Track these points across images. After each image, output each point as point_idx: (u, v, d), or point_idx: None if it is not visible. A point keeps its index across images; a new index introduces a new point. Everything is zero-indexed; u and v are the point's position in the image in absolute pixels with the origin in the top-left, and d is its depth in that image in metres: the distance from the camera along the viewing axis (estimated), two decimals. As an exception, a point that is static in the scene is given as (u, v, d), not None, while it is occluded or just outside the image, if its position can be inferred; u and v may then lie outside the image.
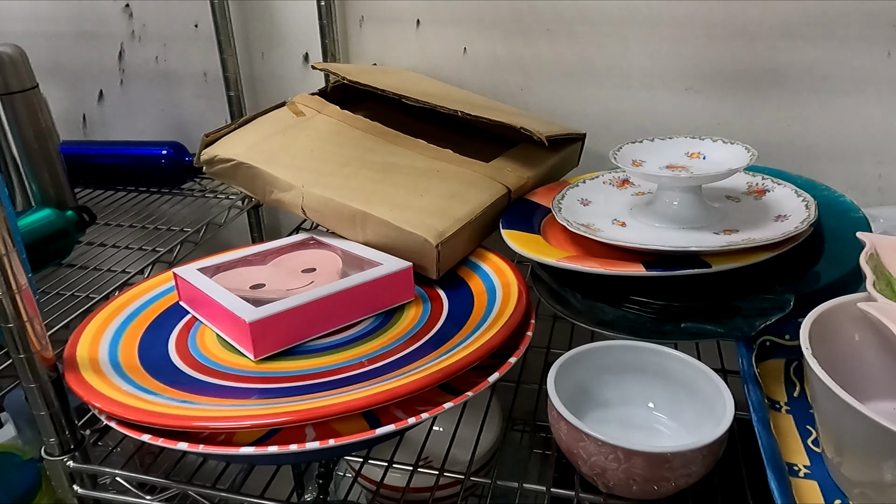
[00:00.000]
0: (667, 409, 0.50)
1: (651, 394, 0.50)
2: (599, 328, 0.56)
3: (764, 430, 0.42)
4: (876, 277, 0.46)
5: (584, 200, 0.65)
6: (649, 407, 0.50)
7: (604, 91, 0.82)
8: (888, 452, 0.37)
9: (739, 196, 0.63)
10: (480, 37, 0.83)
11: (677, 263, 0.52)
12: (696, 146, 0.62)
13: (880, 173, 0.79)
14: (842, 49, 0.74)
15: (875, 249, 0.49)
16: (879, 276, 0.48)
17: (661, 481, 0.41)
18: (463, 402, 0.43)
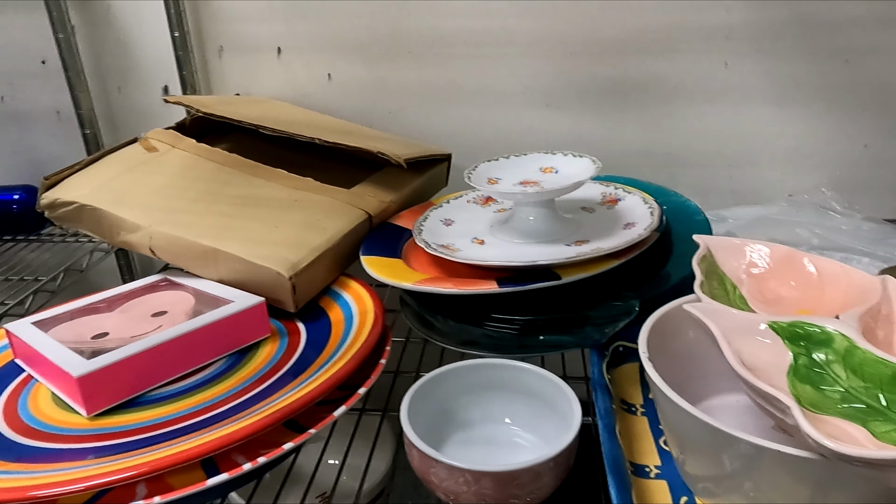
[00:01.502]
0: (528, 424, 0.50)
1: (512, 410, 0.50)
2: (465, 348, 0.56)
3: (608, 437, 0.43)
4: (705, 278, 0.48)
5: (446, 220, 0.65)
6: (507, 423, 0.50)
7: (470, 111, 0.83)
8: (720, 448, 0.38)
9: (594, 207, 0.65)
10: (344, 62, 0.83)
11: (531, 278, 0.53)
12: (548, 161, 0.64)
13: (731, 175, 0.84)
14: (684, 62, 0.79)
15: (708, 250, 0.52)
16: (712, 276, 0.50)
17: (512, 498, 0.41)
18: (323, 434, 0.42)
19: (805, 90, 0.79)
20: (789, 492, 0.37)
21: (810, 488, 0.36)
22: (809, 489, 0.36)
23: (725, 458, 0.38)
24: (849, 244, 0.68)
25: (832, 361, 0.39)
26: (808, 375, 0.39)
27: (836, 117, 0.80)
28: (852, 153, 0.81)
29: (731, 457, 0.38)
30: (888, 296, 0.43)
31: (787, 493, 0.37)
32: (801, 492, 0.37)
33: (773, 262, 0.50)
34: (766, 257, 0.51)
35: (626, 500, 0.38)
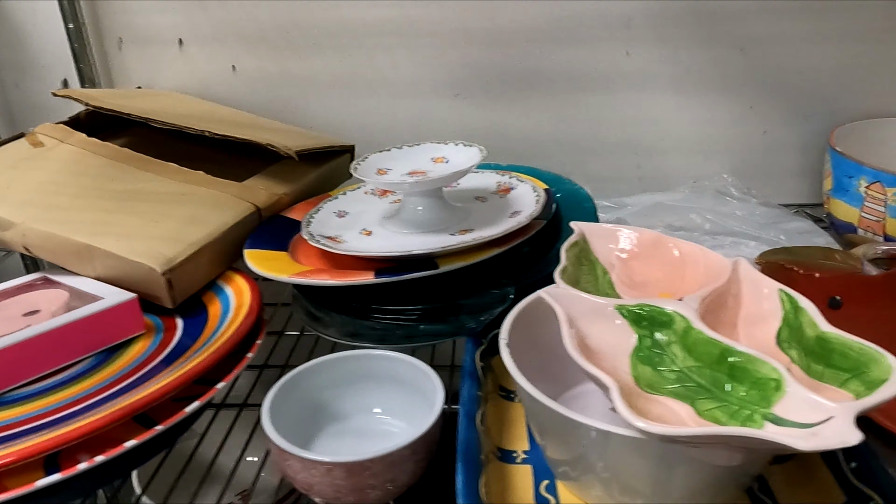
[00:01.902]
0: (401, 413, 0.50)
1: (384, 399, 0.50)
2: (350, 340, 0.55)
3: (465, 423, 0.43)
4: (576, 264, 0.48)
5: (340, 212, 0.65)
6: (378, 413, 0.50)
7: (377, 101, 0.83)
8: (570, 433, 0.38)
9: (488, 196, 0.65)
10: (248, 53, 0.82)
11: (412, 268, 0.53)
12: (440, 151, 0.64)
13: (638, 164, 0.85)
14: (587, 50, 0.79)
15: (583, 236, 0.52)
16: (583, 262, 0.51)
17: (368, 489, 0.41)
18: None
19: (704, 78, 0.80)
20: (637, 471, 0.38)
21: (654, 466, 0.37)
22: (654, 467, 0.37)
23: (576, 443, 0.39)
24: (739, 229, 0.70)
25: (672, 342, 0.39)
26: (649, 357, 0.40)
27: (736, 105, 0.81)
28: (752, 140, 0.83)
29: (580, 441, 0.38)
30: (737, 277, 0.44)
31: (635, 472, 0.38)
32: (646, 470, 0.37)
33: (642, 247, 0.51)
34: (635, 242, 0.51)
35: (472, 485, 0.38)
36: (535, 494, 0.43)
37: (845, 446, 0.28)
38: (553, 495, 0.43)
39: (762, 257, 0.59)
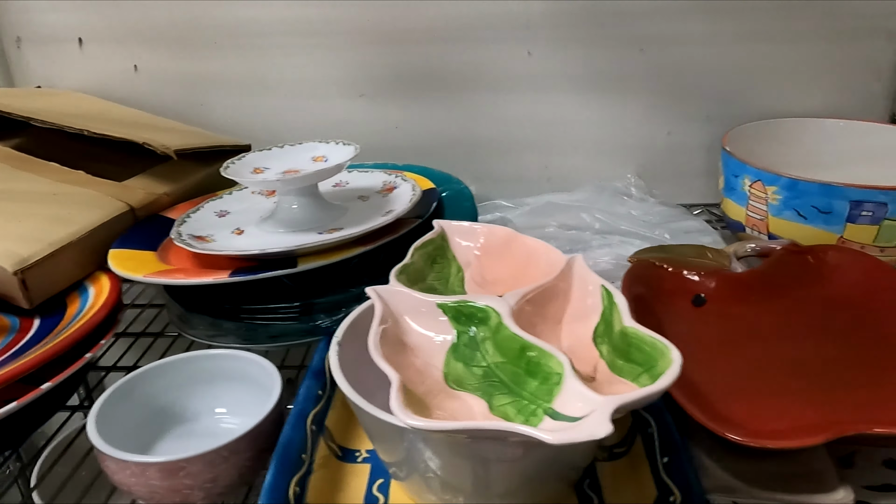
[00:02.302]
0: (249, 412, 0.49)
1: (232, 399, 0.50)
2: (215, 341, 0.55)
3: (293, 422, 0.42)
4: (421, 260, 0.48)
5: (221, 212, 0.64)
6: (223, 413, 0.50)
7: (281, 102, 0.82)
8: (383, 431, 0.38)
9: (371, 195, 0.65)
10: (149, 53, 0.81)
11: (274, 266, 0.52)
12: (321, 150, 0.63)
13: (546, 164, 0.85)
14: (488, 51, 0.79)
15: (443, 234, 0.52)
16: (440, 259, 0.50)
17: (186, 489, 0.41)
18: None
19: (605, 79, 0.80)
20: (454, 468, 0.37)
21: (469, 462, 0.36)
22: (469, 463, 0.37)
23: (390, 441, 0.38)
24: (628, 228, 0.70)
25: (486, 339, 0.39)
26: (464, 353, 0.39)
27: (639, 105, 0.82)
28: (657, 140, 0.83)
29: (393, 439, 0.38)
30: (570, 274, 0.44)
31: (452, 470, 0.37)
32: (462, 467, 0.37)
33: (496, 245, 0.51)
34: (490, 240, 0.51)
35: (279, 485, 0.38)
36: (367, 493, 0.43)
37: (592, 439, 0.28)
38: (384, 494, 0.43)
39: (635, 255, 0.59)
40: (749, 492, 0.39)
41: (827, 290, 0.53)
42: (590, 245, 0.67)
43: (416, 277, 0.47)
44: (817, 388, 0.44)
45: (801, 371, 0.46)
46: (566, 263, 0.44)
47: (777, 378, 0.46)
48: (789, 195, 0.63)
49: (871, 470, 0.43)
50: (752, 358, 0.48)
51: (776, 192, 0.64)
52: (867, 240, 0.62)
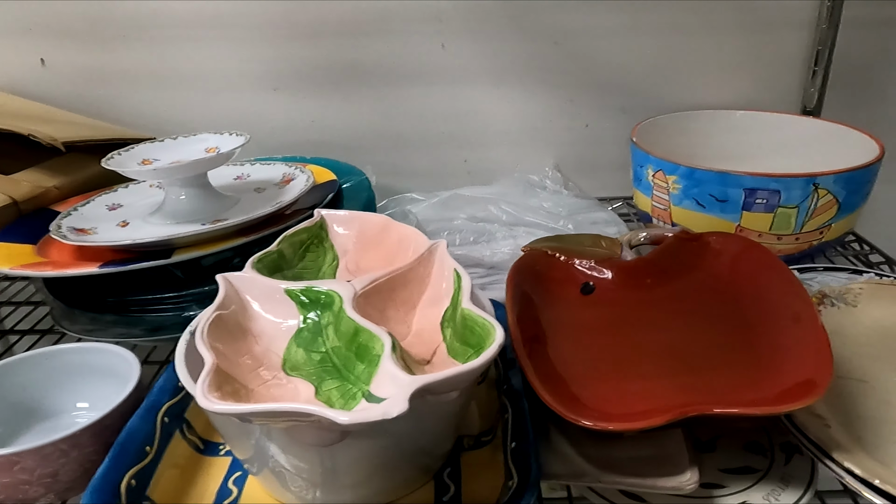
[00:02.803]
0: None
1: (95, 393, 0.48)
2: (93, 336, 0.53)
3: (142, 414, 0.41)
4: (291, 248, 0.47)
5: (113, 205, 0.63)
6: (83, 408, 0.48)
7: (193, 96, 0.81)
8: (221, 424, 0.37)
9: (268, 187, 0.64)
10: (57, 47, 0.79)
11: (151, 257, 0.51)
12: (213, 141, 0.62)
13: (465, 158, 0.85)
14: (403, 44, 0.79)
15: (321, 223, 0.51)
16: (316, 248, 0.49)
17: (24, 485, 0.39)
18: None
19: (522, 71, 0.80)
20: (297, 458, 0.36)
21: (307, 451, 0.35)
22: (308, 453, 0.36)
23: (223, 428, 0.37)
24: (534, 220, 0.69)
25: (329, 324, 0.38)
26: (307, 339, 0.38)
27: (556, 98, 0.82)
28: (576, 133, 0.83)
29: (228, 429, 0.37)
30: (430, 259, 0.43)
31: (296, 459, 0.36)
32: (303, 456, 0.36)
33: (372, 233, 0.50)
34: (367, 227, 0.50)
35: (109, 477, 0.36)
36: (222, 486, 0.42)
37: (385, 418, 0.27)
38: (239, 487, 0.42)
39: (529, 245, 0.58)
40: (599, 476, 0.38)
41: (710, 275, 0.53)
42: (494, 237, 0.67)
43: (281, 266, 0.46)
44: (683, 371, 0.43)
45: (671, 355, 0.46)
46: (427, 249, 0.43)
47: (647, 363, 0.45)
48: (688, 184, 0.63)
49: (732, 454, 0.42)
50: (628, 344, 0.48)
51: (676, 182, 0.64)
52: (763, 228, 0.62)
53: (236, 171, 0.68)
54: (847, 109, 0.80)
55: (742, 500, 0.38)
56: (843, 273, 0.58)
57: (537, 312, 0.51)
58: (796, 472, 0.40)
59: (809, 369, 0.37)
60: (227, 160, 0.57)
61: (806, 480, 0.39)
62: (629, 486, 0.37)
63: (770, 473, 0.40)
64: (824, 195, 0.60)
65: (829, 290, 0.54)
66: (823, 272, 0.59)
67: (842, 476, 0.36)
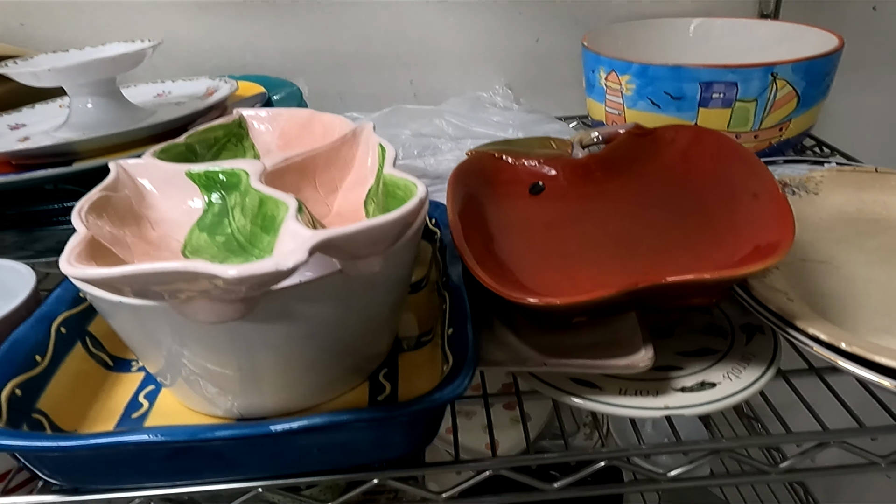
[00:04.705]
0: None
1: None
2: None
3: (31, 324, 0.36)
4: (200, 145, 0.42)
5: (16, 125, 0.57)
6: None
7: (114, 14, 0.74)
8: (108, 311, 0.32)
9: (189, 101, 0.59)
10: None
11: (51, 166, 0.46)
12: (125, 49, 0.56)
13: (411, 79, 0.80)
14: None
15: (241, 121, 0.46)
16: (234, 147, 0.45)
17: None
18: None
19: (466, -19, 0.75)
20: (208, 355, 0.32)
21: (225, 350, 0.31)
22: (225, 352, 0.31)
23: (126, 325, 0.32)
24: (483, 131, 0.65)
25: (236, 205, 0.34)
26: (211, 223, 0.34)
27: (505, 11, 0.77)
28: (526, 48, 0.79)
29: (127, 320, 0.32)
30: (355, 140, 0.39)
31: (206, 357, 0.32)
32: (222, 357, 0.32)
33: (297, 128, 0.45)
34: (292, 123, 0.46)
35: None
36: (131, 400, 0.37)
37: (279, 269, 0.23)
38: (150, 400, 0.37)
39: (475, 149, 0.54)
40: (543, 360, 0.34)
41: (664, 167, 0.49)
42: (440, 150, 0.62)
43: (190, 161, 0.41)
44: (637, 254, 0.40)
45: (625, 242, 0.42)
46: (351, 131, 0.39)
47: (599, 251, 0.42)
48: (641, 83, 0.59)
49: (690, 338, 0.39)
50: (580, 236, 0.44)
51: (629, 82, 0.60)
52: (721, 125, 0.58)
53: (157, 89, 0.63)
54: (805, 13, 0.77)
55: (701, 380, 0.35)
56: (804, 165, 0.55)
57: (483, 212, 0.48)
58: (758, 350, 0.37)
59: (770, 234, 0.34)
60: (137, 63, 0.52)
61: (768, 358, 0.36)
62: (577, 369, 0.34)
63: (730, 353, 0.37)
64: (783, 86, 0.56)
65: (790, 178, 0.51)
66: (784, 165, 0.56)
67: (807, 345, 0.33)
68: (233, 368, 0.33)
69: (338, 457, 0.32)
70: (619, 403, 0.34)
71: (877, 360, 0.31)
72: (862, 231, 0.47)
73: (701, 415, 0.33)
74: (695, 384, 0.35)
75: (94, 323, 0.40)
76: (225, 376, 0.33)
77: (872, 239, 0.46)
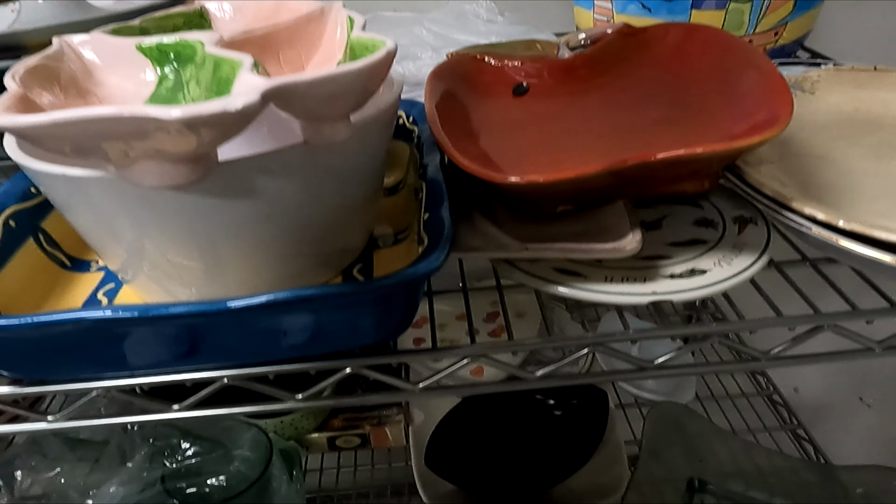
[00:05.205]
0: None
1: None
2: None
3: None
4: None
5: (-36, 27, 0.53)
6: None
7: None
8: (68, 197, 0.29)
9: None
10: None
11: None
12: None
13: (391, -7, 0.75)
14: None
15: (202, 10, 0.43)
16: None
17: None
18: None
19: None
20: (167, 244, 0.30)
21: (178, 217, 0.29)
22: (181, 232, 0.29)
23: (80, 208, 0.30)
24: (466, 39, 0.62)
25: (191, 78, 0.31)
26: (165, 98, 0.31)
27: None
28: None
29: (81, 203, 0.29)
30: (322, 19, 0.36)
31: (166, 246, 0.30)
32: (173, 240, 0.30)
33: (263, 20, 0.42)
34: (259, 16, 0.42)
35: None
36: (90, 297, 0.35)
37: (227, 110, 0.21)
38: (110, 297, 0.35)
39: (457, 51, 0.51)
40: (524, 246, 0.32)
41: (654, 63, 0.46)
42: (420, 58, 0.59)
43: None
44: (623, 147, 0.38)
45: (612, 134, 0.40)
46: (319, 8, 0.36)
47: (586, 141, 0.40)
48: (632, -17, 0.56)
49: (680, 229, 0.38)
50: (566, 131, 0.42)
51: (619, -17, 0.57)
52: (714, 28, 0.55)
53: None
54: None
55: (691, 267, 0.33)
56: (800, 67, 0.53)
57: (464, 111, 0.45)
58: (750, 240, 0.35)
59: (766, 110, 0.32)
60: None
61: (761, 246, 0.34)
62: (561, 254, 0.32)
63: (722, 243, 0.36)
64: (780, -15, 0.54)
65: (787, 77, 0.48)
66: (780, 66, 0.53)
67: (804, 226, 0.31)
68: (192, 254, 0.30)
69: (307, 344, 0.30)
70: (605, 290, 0.32)
71: (876, 234, 0.29)
72: (860, 128, 0.45)
73: (690, 300, 0.31)
74: (684, 271, 0.33)
75: (48, 220, 0.38)
76: (185, 266, 0.31)
77: (870, 136, 0.44)
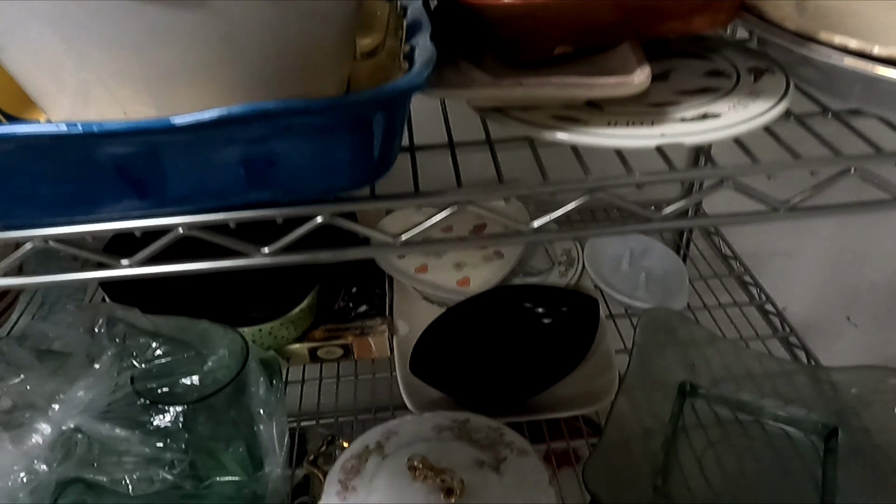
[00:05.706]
0: None
1: None
2: None
3: None
4: None
5: None
6: None
7: None
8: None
9: None
10: None
11: None
12: None
13: None
14: None
15: None
16: None
17: None
18: None
19: None
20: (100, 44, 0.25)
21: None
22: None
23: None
24: None
25: None
26: None
27: None
28: None
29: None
30: None
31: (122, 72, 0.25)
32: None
33: None
34: None
35: None
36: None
37: None
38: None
39: None
40: (518, 81, 0.29)
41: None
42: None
43: None
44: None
45: None
46: None
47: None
48: None
49: (690, 80, 0.34)
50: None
51: None
52: None
53: None
54: None
55: (703, 111, 0.30)
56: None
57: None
58: (767, 87, 0.32)
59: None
60: None
61: (779, 93, 0.31)
62: (559, 90, 0.28)
63: (736, 90, 0.32)
64: None
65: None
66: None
67: (833, 59, 0.28)
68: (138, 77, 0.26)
69: (272, 184, 0.26)
70: (609, 133, 0.28)
71: (918, 57, 0.25)
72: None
73: (701, 144, 0.28)
74: (696, 115, 0.30)
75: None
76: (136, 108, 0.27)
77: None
